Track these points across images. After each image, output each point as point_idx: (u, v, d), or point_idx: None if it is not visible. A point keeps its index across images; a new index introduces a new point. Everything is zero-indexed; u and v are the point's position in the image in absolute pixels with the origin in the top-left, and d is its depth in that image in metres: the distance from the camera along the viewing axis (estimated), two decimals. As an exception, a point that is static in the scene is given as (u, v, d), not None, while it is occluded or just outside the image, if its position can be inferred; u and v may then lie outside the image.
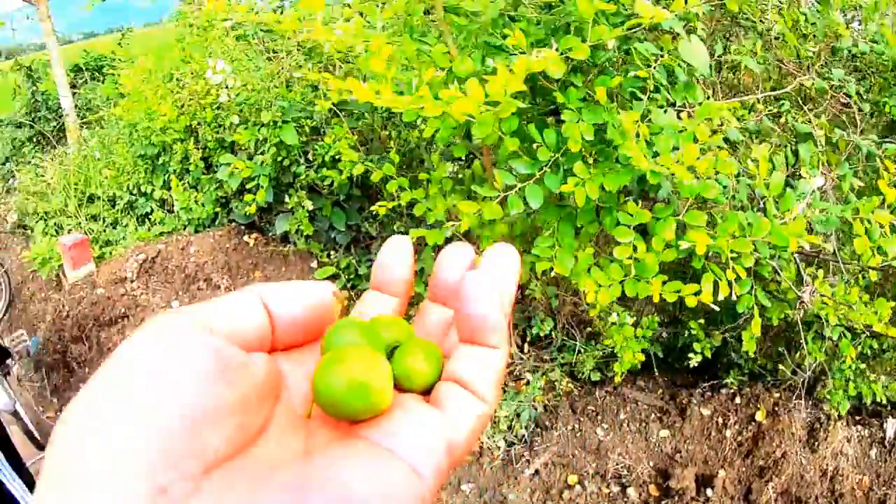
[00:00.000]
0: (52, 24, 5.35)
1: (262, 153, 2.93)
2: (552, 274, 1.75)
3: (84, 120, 5.39)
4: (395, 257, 0.33)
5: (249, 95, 3.00)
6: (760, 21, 2.07)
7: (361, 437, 0.24)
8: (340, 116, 3.01)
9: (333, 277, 3.07)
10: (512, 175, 1.60)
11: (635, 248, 1.60)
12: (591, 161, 1.61)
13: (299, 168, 2.97)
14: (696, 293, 1.57)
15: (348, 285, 3.04)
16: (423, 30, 1.82)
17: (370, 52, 1.48)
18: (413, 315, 0.33)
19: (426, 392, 0.28)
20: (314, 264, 3.12)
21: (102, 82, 5.80)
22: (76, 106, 5.42)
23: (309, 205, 2.98)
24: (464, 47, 1.74)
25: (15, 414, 2.10)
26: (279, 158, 2.93)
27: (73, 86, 5.76)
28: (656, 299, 1.62)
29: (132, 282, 3.14)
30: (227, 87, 2.92)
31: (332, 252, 3.14)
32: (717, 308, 1.60)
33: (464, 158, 2.63)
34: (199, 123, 3.30)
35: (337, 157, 2.78)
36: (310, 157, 2.92)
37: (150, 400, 0.20)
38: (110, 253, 3.54)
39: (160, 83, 3.65)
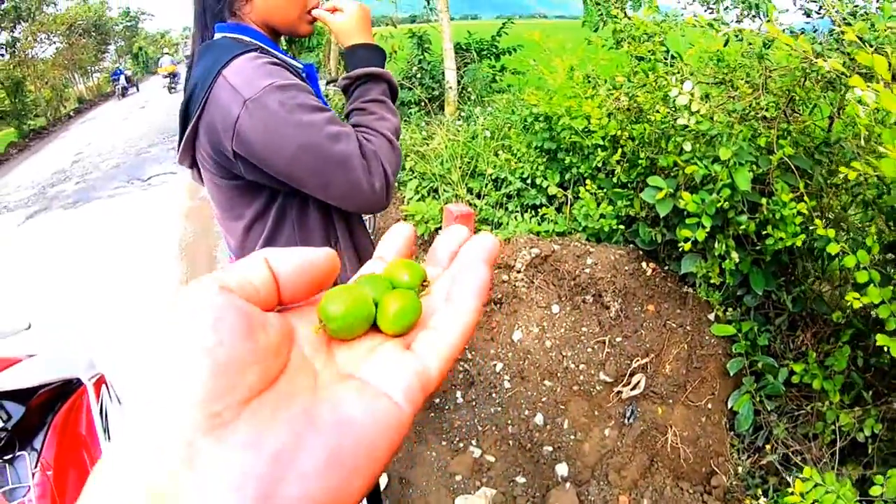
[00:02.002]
0: (447, 2, 5.79)
1: (710, 191, 2.74)
2: None
3: (467, 96, 5.77)
4: (396, 240, 0.40)
5: (711, 126, 2.83)
6: None
7: (354, 378, 0.29)
8: (792, 170, 2.73)
9: (731, 339, 2.80)
10: None
11: None
12: None
13: (741, 217, 2.73)
14: None
15: (743, 353, 2.75)
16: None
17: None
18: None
19: (404, 333, 0.34)
20: (711, 316, 2.87)
21: (480, 63, 6.17)
22: (458, 82, 5.82)
23: (735, 258, 2.73)
24: None
25: None
26: (721, 200, 2.73)
27: (454, 62, 6.21)
28: None
29: (518, 272, 3.17)
30: (691, 112, 2.77)
31: (730, 308, 2.86)
32: None
33: None
34: (630, 137, 3.23)
35: (782, 216, 2.55)
36: (763, 209, 2.66)
37: (197, 353, 0.24)
38: (491, 232, 3.67)
39: (584, 83, 3.67)
